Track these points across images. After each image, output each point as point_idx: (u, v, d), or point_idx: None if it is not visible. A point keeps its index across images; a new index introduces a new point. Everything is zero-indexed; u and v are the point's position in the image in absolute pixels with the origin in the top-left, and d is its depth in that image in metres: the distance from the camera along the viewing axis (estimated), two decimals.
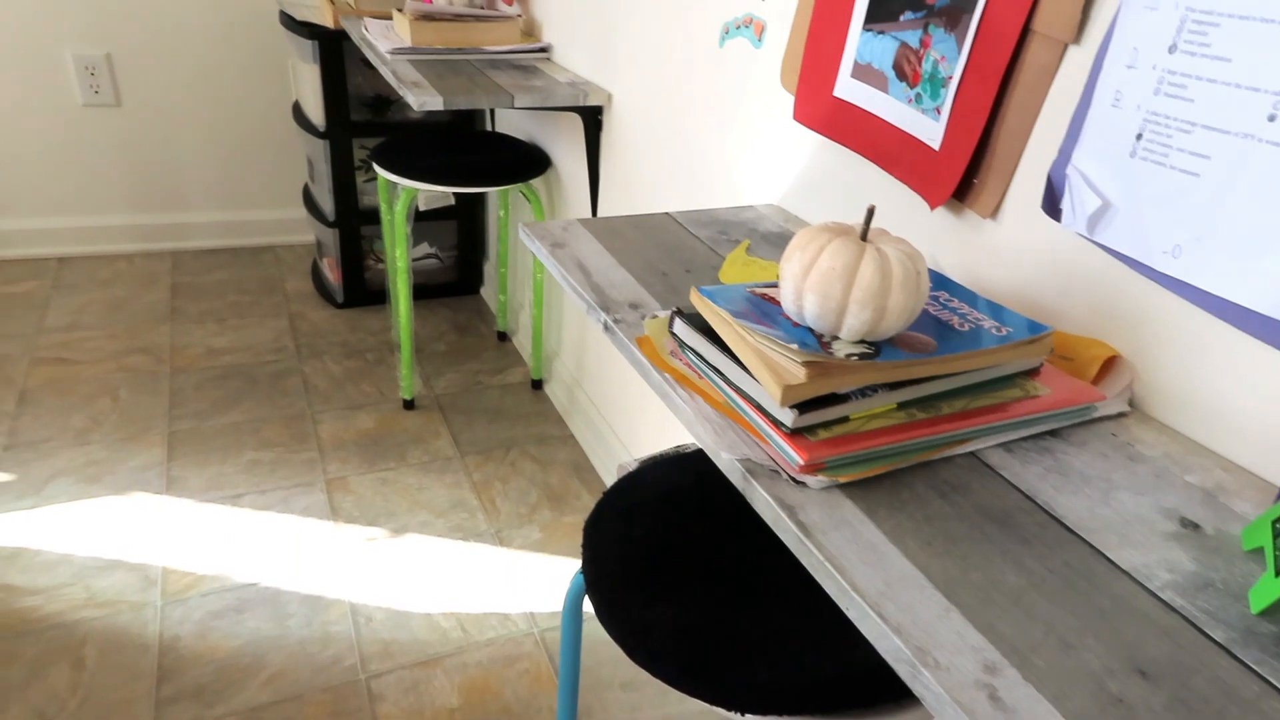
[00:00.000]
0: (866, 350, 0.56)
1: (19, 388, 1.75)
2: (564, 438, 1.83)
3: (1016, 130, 0.70)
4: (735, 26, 1.08)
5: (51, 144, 2.18)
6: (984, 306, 0.64)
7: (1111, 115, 0.61)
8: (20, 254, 2.25)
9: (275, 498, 1.55)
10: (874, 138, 0.85)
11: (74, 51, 2.10)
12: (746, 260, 0.89)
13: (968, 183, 0.75)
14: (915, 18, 0.77)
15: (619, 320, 0.75)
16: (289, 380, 1.91)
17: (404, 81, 1.43)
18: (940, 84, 0.76)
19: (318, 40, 1.89)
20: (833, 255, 0.55)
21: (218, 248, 2.46)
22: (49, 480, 1.51)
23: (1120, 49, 0.60)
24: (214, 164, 2.37)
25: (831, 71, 0.89)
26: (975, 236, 0.77)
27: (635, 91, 1.38)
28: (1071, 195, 0.65)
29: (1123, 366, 0.64)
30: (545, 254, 0.88)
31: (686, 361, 0.66)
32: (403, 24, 1.61)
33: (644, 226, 0.97)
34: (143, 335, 1.99)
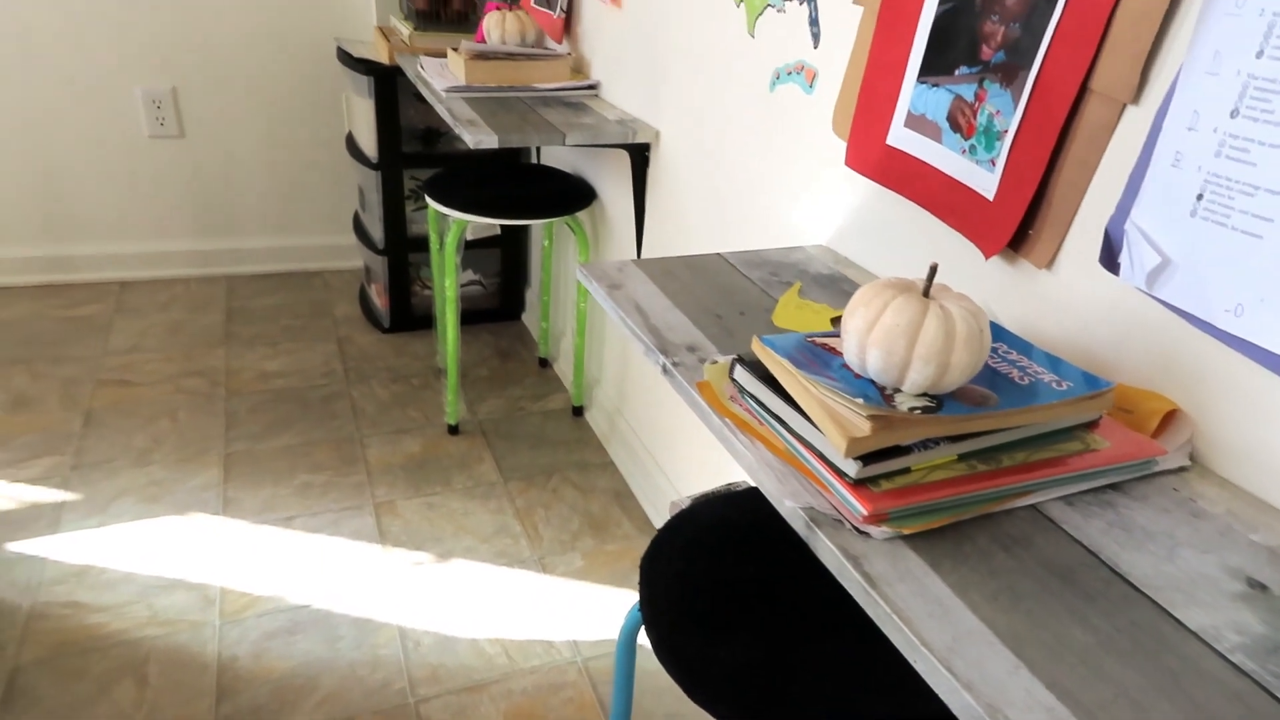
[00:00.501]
0: (929, 404, 0.58)
1: (85, 408, 1.82)
2: (604, 465, 1.86)
3: (1073, 184, 0.71)
4: (786, 73, 1.11)
5: (118, 174, 2.28)
6: (1041, 358, 0.65)
7: (1171, 175, 0.62)
8: (86, 278, 2.35)
9: (326, 520, 1.59)
10: (927, 186, 0.87)
11: (143, 87, 2.21)
12: (799, 303, 0.91)
13: (1023, 233, 0.77)
14: (970, 72, 0.79)
15: (678, 364, 0.77)
16: (338, 404, 1.96)
17: (459, 119, 1.48)
18: (995, 137, 0.78)
19: (373, 76, 1.97)
20: (896, 312, 0.57)
21: (270, 272, 2.54)
22: (113, 499, 1.57)
23: (1181, 111, 0.61)
24: (269, 192, 2.46)
25: (885, 121, 0.91)
26: (1029, 285, 0.78)
27: (683, 129, 1.42)
28: (1130, 250, 0.66)
29: (1183, 420, 0.64)
30: (603, 295, 0.91)
31: (746, 407, 0.68)
32: (457, 62, 1.67)
33: (696, 267, 0.99)
34: (200, 358, 2.07)
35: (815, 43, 1.04)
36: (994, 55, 0.77)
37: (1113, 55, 0.66)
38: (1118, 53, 0.66)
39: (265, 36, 2.27)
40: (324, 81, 2.38)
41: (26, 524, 1.49)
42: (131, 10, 2.13)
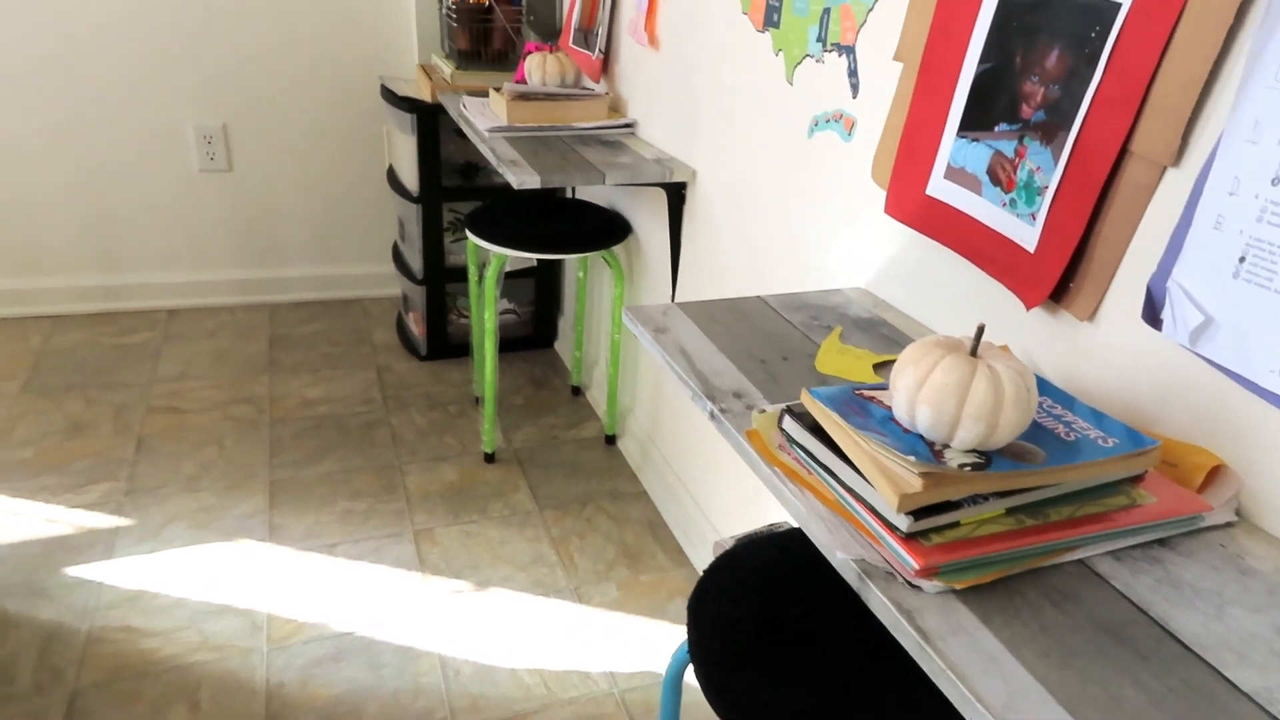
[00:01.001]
0: (978, 460, 0.60)
1: (137, 434, 1.89)
2: (637, 494, 1.88)
3: (1114, 241, 0.73)
4: (825, 120, 1.14)
5: (169, 206, 2.37)
6: (1085, 413, 0.67)
7: (1213, 237, 0.64)
8: (136, 306, 2.43)
9: (367, 547, 1.63)
10: (967, 236, 0.89)
11: (195, 123, 2.30)
12: (841, 349, 0.93)
13: (1064, 285, 0.79)
14: (1010, 129, 0.82)
15: (725, 410, 0.80)
16: (377, 431, 2.01)
17: (503, 160, 1.53)
18: (1035, 192, 0.80)
19: (416, 114, 2.03)
20: (946, 371, 0.59)
21: (311, 300, 2.61)
22: (165, 525, 1.62)
23: (1222, 176, 0.63)
24: (311, 222, 2.54)
25: (925, 172, 0.93)
26: (1071, 336, 0.79)
27: (719, 169, 1.45)
28: (1173, 308, 0.68)
29: (1228, 475, 0.65)
30: (649, 339, 0.94)
31: (795, 456, 0.70)
32: (499, 103, 1.73)
33: (738, 310, 1.02)
34: (245, 385, 2.13)
35: (854, 93, 1.07)
36: (1034, 114, 0.79)
37: (1153, 119, 0.68)
38: (1158, 117, 0.68)
39: (312, 74, 2.35)
40: (366, 116, 2.46)
41: (84, 549, 1.54)
42: (187, 49, 2.22)
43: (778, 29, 1.21)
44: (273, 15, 2.26)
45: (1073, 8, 0.74)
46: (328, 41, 2.33)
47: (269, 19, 2.26)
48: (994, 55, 0.83)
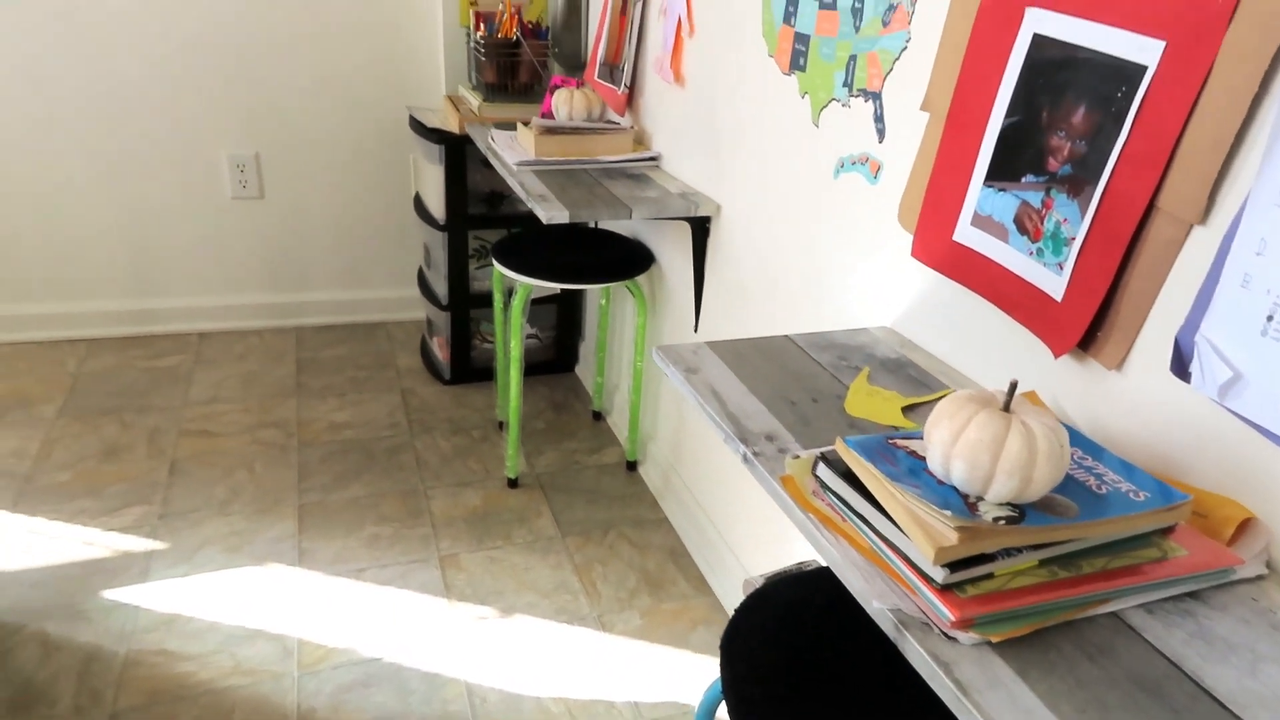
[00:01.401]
0: (1012, 514, 0.61)
1: (170, 458, 1.93)
2: (659, 521, 1.89)
3: (1141, 294, 0.75)
4: (850, 162, 1.17)
5: (202, 232, 2.43)
6: (1115, 465, 0.69)
7: (1240, 295, 0.66)
8: (168, 329, 2.49)
9: (394, 573, 1.66)
10: (995, 282, 0.91)
11: (229, 152, 2.36)
12: (870, 390, 0.95)
13: (1092, 334, 0.80)
14: (1037, 181, 0.84)
15: (759, 454, 0.82)
16: (403, 456, 2.04)
17: (531, 194, 1.57)
18: (1063, 243, 0.82)
19: (444, 145, 2.08)
20: (980, 427, 0.61)
21: (337, 324, 2.66)
22: (198, 549, 1.66)
23: (1249, 237, 0.65)
24: (338, 248, 2.59)
25: (952, 218, 0.96)
26: (1099, 385, 0.81)
27: (744, 204, 1.48)
28: (1201, 362, 0.69)
29: (1258, 528, 0.67)
30: (680, 379, 0.97)
31: (829, 503, 0.72)
32: (527, 136, 1.77)
33: (767, 350, 1.04)
34: (273, 409, 2.17)
35: (880, 138, 1.10)
36: (1060, 168, 0.81)
37: (1180, 178, 0.70)
38: (1185, 176, 0.70)
39: (342, 105, 2.41)
40: (393, 144, 2.52)
41: (120, 571, 1.58)
42: (223, 84, 2.29)
43: (804, 72, 1.24)
44: (305, 49, 2.32)
45: (1099, 68, 0.76)
46: (357, 73, 2.39)
47: (301, 52, 2.32)
48: (1020, 109, 0.85)
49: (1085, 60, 0.77)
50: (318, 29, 2.31)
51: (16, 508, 1.72)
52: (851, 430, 0.87)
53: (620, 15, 1.88)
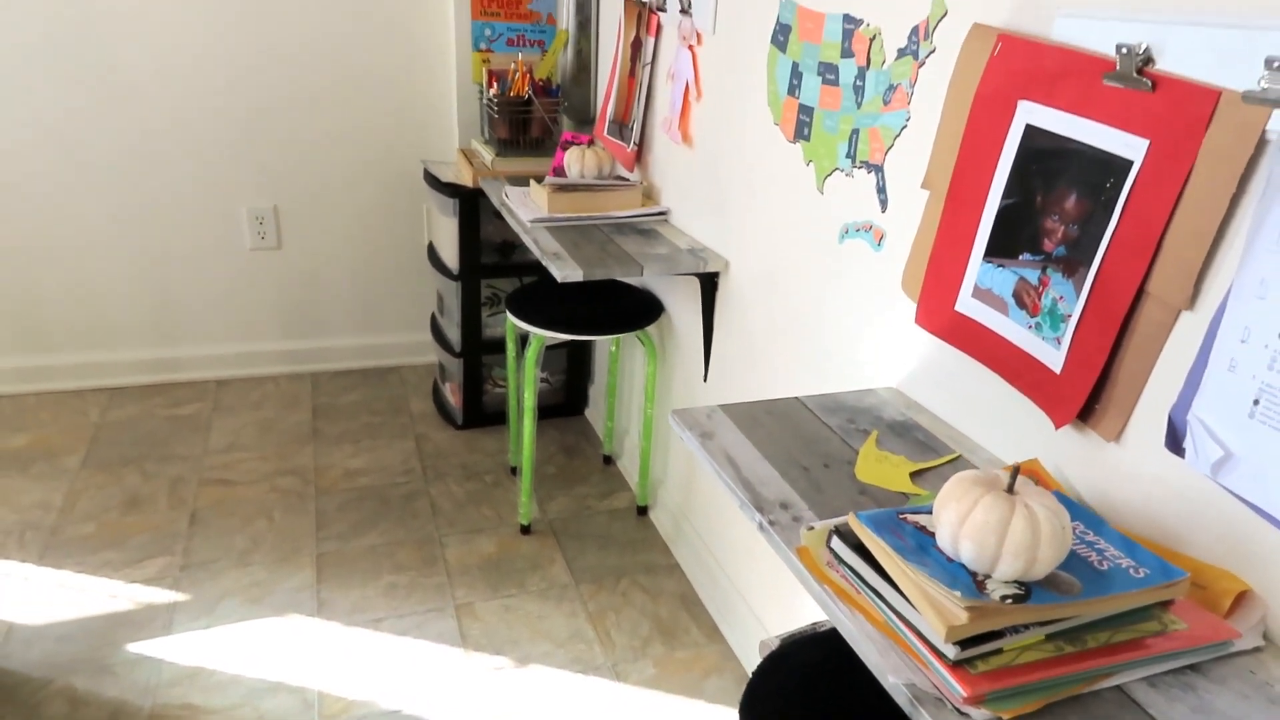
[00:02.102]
0: (1019, 592, 0.65)
1: (191, 508, 1.96)
2: (670, 567, 1.92)
3: (1135, 371, 0.79)
4: (855, 229, 1.22)
5: (221, 282, 2.49)
6: (1116, 539, 0.72)
7: (1228, 378, 0.70)
8: (187, 377, 2.54)
9: (411, 623, 1.68)
10: (996, 352, 0.95)
11: (248, 205, 2.43)
12: (879, 455, 0.99)
13: (1090, 406, 0.84)
14: (1033, 259, 0.89)
15: (774, 522, 0.85)
16: (417, 502, 2.07)
17: (546, 252, 1.62)
18: (1060, 319, 0.86)
19: (459, 199, 2.14)
20: (986, 510, 0.65)
21: (351, 369, 2.71)
22: (219, 600, 1.69)
23: (1233, 325, 0.69)
24: (353, 295, 2.65)
25: (953, 289, 1.00)
26: (1099, 455, 0.85)
27: (751, 262, 1.53)
28: (1194, 439, 0.73)
29: (1254, 600, 0.70)
30: (696, 445, 1.01)
31: (843, 575, 0.76)
32: (540, 194, 1.83)
33: (778, 413, 1.08)
34: (290, 457, 2.21)
35: (883, 208, 1.15)
36: (1055, 249, 0.86)
37: (1167, 266, 0.75)
38: (1172, 264, 0.74)
39: (357, 158, 2.49)
40: (407, 194, 2.59)
41: (144, 624, 1.61)
42: (243, 138, 2.36)
43: (808, 142, 1.30)
44: (322, 105, 2.40)
45: (1088, 160, 0.81)
46: (372, 127, 2.47)
47: (318, 108, 2.40)
48: (1016, 192, 0.90)
49: (1075, 151, 0.82)
50: (334, 85, 2.39)
51: (43, 560, 1.75)
52: (862, 497, 0.90)
53: (629, 76, 1.96)
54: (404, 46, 2.41)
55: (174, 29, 2.20)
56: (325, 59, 2.35)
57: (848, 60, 1.18)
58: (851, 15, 1.16)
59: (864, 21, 1.14)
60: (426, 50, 2.43)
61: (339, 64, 2.37)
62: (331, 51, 2.35)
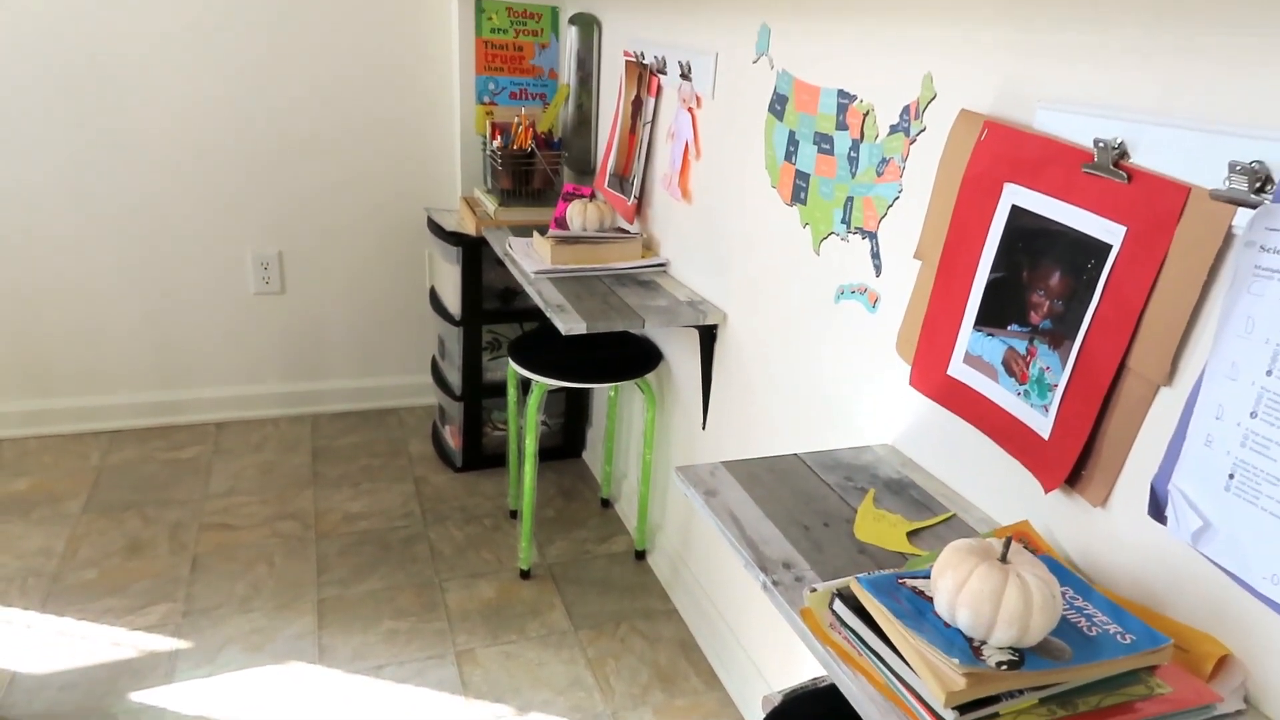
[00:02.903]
0: (1013, 658, 0.68)
1: (192, 553, 1.97)
2: (668, 612, 1.94)
3: (1119, 441, 0.84)
4: (850, 291, 1.27)
5: (224, 326, 2.52)
6: (1104, 605, 0.76)
7: (1204, 452, 0.74)
8: (188, 420, 2.56)
9: (412, 670, 1.69)
10: (987, 416, 1.00)
11: (254, 251, 2.48)
12: (876, 514, 1.03)
13: (1077, 472, 0.89)
14: (1021, 330, 0.94)
15: (778, 582, 0.89)
16: (417, 546, 2.09)
17: (550, 304, 1.67)
18: (1047, 388, 0.91)
19: (462, 247, 2.20)
20: (981, 579, 0.69)
21: (350, 411, 2.73)
22: (221, 648, 1.69)
23: (1208, 403, 0.74)
24: (355, 338, 2.68)
25: (945, 355, 1.05)
26: (1087, 519, 0.89)
27: (749, 316, 1.58)
28: (1175, 509, 0.77)
29: (1235, 665, 0.74)
30: (700, 502, 1.04)
31: (845, 637, 0.79)
32: (543, 246, 1.88)
33: (779, 470, 1.12)
34: (290, 501, 2.22)
35: (877, 273, 1.20)
36: (1041, 321, 0.91)
37: (1146, 344, 0.80)
38: (1150, 343, 0.79)
39: (361, 204, 2.54)
40: (410, 240, 2.64)
41: (146, 673, 1.61)
42: (249, 186, 2.42)
43: (805, 205, 1.36)
44: (327, 153, 2.46)
45: (1071, 241, 0.87)
46: (377, 174, 2.53)
47: (325, 155, 2.46)
48: (1004, 267, 0.95)
49: (1059, 233, 0.88)
50: (340, 135, 2.45)
51: (45, 607, 1.76)
52: (862, 556, 0.94)
53: (630, 132, 2.03)
54: (409, 98, 2.48)
55: (182, 79, 2.27)
56: (331, 109, 2.42)
57: (842, 132, 1.24)
58: (846, 91, 1.23)
59: (858, 98, 1.20)
60: (431, 102, 2.50)
61: (345, 114, 2.44)
62: (337, 102, 2.42)
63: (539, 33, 2.42)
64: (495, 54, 2.40)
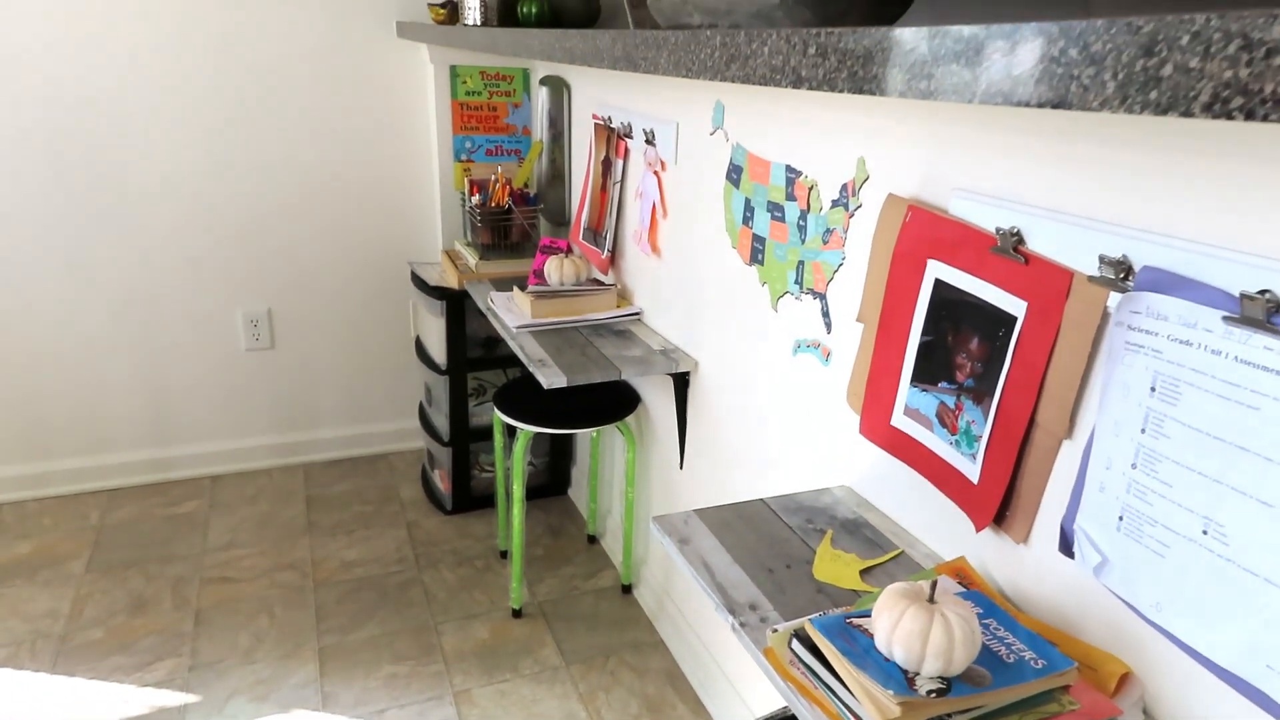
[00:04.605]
0: (942, 686, 0.80)
1: (195, 608, 2.04)
2: (655, 644, 2.03)
3: (1033, 486, 0.96)
4: (805, 345, 1.39)
5: (216, 383, 2.61)
6: (1023, 635, 0.88)
7: (1099, 497, 0.87)
8: (183, 475, 2.63)
9: (413, 712, 1.77)
10: (927, 462, 1.12)
11: (244, 310, 2.57)
12: (833, 554, 1.14)
13: (1003, 512, 1.01)
14: (950, 387, 1.06)
15: (745, 624, 1.00)
16: (412, 591, 2.17)
17: (531, 359, 1.78)
18: (973, 438, 1.03)
19: (446, 301, 2.30)
20: (911, 620, 0.80)
21: (341, 458, 2.82)
22: (227, 700, 1.76)
23: (1099, 455, 0.86)
24: (344, 388, 2.77)
25: (888, 407, 1.17)
26: (1013, 554, 1.01)
27: (718, 364, 1.70)
28: (1080, 546, 0.90)
29: (1135, 681, 0.85)
30: (675, 550, 1.15)
31: (803, 672, 0.90)
32: (524, 301, 2.00)
33: (746, 516, 1.23)
34: (288, 551, 2.30)
35: (828, 329, 1.33)
36: (966, 380, 1.03)
37: (1049, 402, 0.92)
38: (1052, 402, 0.92)
39: (347, 261, 2.65)
40: (394, 292, 2.74)
41: None
42: (238, 246, 2.52)
43: (763, 265, 1.49)
44: (315, 212, 2.57)
45: (984, 311, 0.99)
46: (361, 232, 2.64)
47: (311, 215, 2.57)
48: (932, 331, 1.08)
49: (975, 304, 1.01)
50: (325, 196, 2.56)
51: (55, 669, 1.82)
52: (820, 595, 1.05)
53: (601, 190, 2.15)
54: (390, 158, 2.60)
55: (170, 144, 2.37)
56: (316, 170, 2.53)
57: (791, 202, 1.37)
58: (793, 166, 1.36)
59: (803, 173, 1.33)
60: (411, 161, 2.62)
61: (329, 175, 2.55)
62: (321, 163, 2.53)
63: (512, 93, 2.55)
64: (471, 114, 2.52)
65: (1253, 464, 0.71)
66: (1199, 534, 0.76)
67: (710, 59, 0.77)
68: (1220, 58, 0.34)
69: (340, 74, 2.46)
